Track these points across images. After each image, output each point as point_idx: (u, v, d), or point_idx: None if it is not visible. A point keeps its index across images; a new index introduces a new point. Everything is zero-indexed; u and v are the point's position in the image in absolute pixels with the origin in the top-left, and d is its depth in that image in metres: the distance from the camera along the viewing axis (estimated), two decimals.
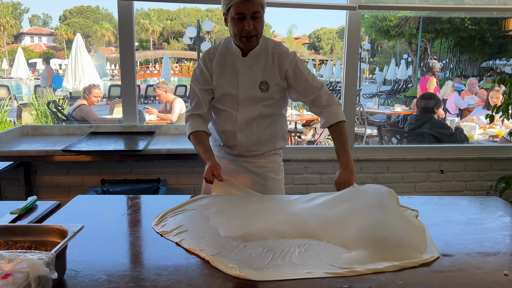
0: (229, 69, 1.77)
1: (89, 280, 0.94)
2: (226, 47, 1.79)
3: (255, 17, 1.63)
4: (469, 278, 0.96)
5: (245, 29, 1.63)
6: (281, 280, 0.94)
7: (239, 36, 1.66)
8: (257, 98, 1.74)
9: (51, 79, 9.90)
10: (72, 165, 2.74)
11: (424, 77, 7.26)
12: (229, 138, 1.80)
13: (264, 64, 1.75)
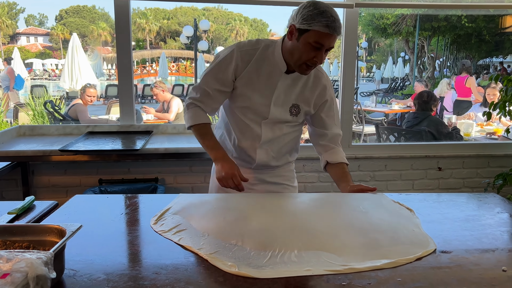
0: (264, 80, 1.58)
1: (88, 279, 0.93)
2: (267, 52, 1.58)
3: (329, 50, 1.48)
4: (468, 274, 0.97)
5: (315, 60, 1.47)
6: (280, 278, 0.94)
7: (302, 63, 1.49)
8: (285, 120, 1.63)
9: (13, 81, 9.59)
10: (69, 165, 2.73)
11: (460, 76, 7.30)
12: (246, 154, 1.67)
13: (302, 86, 1.61)
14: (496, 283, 0.93)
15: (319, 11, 1.41)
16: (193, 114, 1.61)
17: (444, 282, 0.93)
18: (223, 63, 1.57)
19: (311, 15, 1.41)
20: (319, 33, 1.41)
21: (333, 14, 1.42)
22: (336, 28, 1.42)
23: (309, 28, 1.42)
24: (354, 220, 1.27)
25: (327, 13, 1.41)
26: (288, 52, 1.51)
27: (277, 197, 1.55)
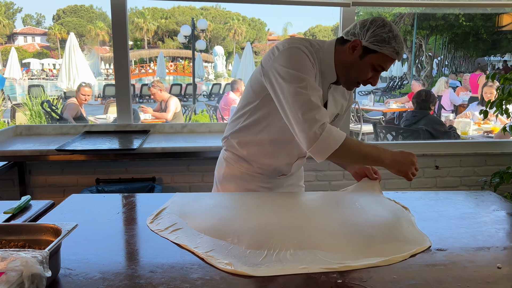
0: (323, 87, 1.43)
1: (84, 278, 0.93)
2: (324, 58, 1.42)
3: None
4: (463, 271, 0.97)
5: (370, 81, 1.40)
6: (276, 276, 0.94)
7: (356, 81, 1.42)
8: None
9: None
10: (66, 165, 2.73)
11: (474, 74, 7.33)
12: (277, 169, 1.56)
13: (342, 95, 1.55)
14: (491, 280, 0.93)
15: (393, 35, 1.32)
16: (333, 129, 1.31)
17: (439, 279, 0.93)
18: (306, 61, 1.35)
19: (385, 38, 1.32)
20: (387, 57, 1.34)
21: (402, 39, 1.36)
22: (401, 56, 1.38)
23: (378, 51, 1.33)
24: (350, 218, 1.28)
25: (399, 38, 1.33)
26: (343, 66, 1.40)
27: (273, 195, 1.55)
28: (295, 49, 1.35)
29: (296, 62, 1.33)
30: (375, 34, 1.32)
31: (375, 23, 1.34)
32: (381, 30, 1.32)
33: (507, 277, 0.95)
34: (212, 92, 15.57)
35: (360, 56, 1.36)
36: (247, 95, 1.50)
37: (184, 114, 7.55)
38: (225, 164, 1.62)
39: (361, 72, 1.38)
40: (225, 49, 32.04)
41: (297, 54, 1.35)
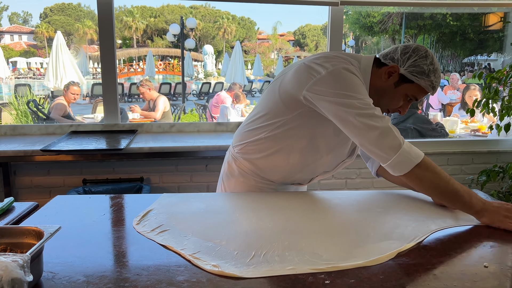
0: None
1: (67, 282, 0.91)
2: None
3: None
4: (450, 270, 0.97)
5: (399, 110, 1.37)
6: (264, 277, 0.93)
7: (386, 109, 1.38)
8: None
9: None
10: (52, 165, 2.69)
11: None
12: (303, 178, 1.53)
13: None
14: (477, 279, 0.94)
15: (434, 68, 1.29)
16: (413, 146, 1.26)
17: (427, 278, 0.93)
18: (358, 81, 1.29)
19: (425, 70, 1.28)
20: (422, 89, 1.30)
21: (440, 72, 1.32)
22: (437, 89, 1.34)
23: (415, 81, 1.29)
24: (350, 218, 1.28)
25: (438, 72, 1.30)
26: (376, 90, 1.35)
27: (270, 196, 1.52)
28: (347, 72, 1.28)
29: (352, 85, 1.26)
30: (416, 65, 1.28)
31: (418, 53, 1.29)
32: (423, 61, 1.28)
33: (494, 275, 0.95)
34: (202, 91, 15.52)
35: (395, 84, 1.32)
36: (275, 107, 1.40)
37: (173, 113, 7.51)
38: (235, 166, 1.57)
39: (393, 99, 1.34)
40: (215, 48, 31.94)
41: (350, 77, 1.28)
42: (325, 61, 1.31)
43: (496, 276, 0.95)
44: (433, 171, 1.23)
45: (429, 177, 1.23)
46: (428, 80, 1.28)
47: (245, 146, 1.51)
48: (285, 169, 1.48)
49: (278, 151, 1.44)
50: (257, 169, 1.51)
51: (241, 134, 1.53)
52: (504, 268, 0.99)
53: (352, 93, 1.25)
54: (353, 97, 1.24)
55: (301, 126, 1.38)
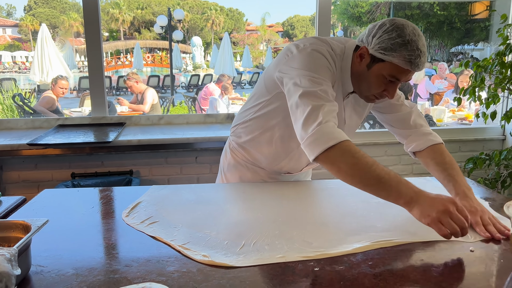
0: (337, 98, 1.29)
1: (56, 275, 0.91)
2: (343, 65, 1.30)
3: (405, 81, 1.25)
4: (437, 255, 0.98)
5: (385, 94, 1.24)
6: (254, 266, 0.94)
7: (370, 94, 1.28)
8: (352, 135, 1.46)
9: None
10: (40, 159, 2.66)
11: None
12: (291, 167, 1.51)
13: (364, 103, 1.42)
14: (464, 263, 0.95)
15: (403, 41, 1.14)
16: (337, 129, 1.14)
17: (414, 263, 0.95)
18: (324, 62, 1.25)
19: (392, 45, 1.15)
20: (397, 67, 1.17)
21: (419, 45, 1.15)
22: (421, 64, 1.16)
23: (385, 60, 1.17)
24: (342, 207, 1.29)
25: (412, 44, 1.14)
26: (354, 76, 1.28)
27: (264, 186, 1.52)
28: (315, 52, 1.24)
29: (314, 65, 1.22)
30: (382, 40, 1.17)
31: (383, 27, 1.18)
32: (389, 35, 1.16)
33: (480, 259, 0.97)
34: (191, 84, 15.41)
35: (368, 66, 1.23)
36: (259, 89, 1.42)
37: (162, 106, 7.47)
38: (229, 153, 1.58)
39: (371, 83, 1.24)
40: (203, 39, 31.71)
41: (317, 58, 1.24)
42: (302, 42, 1.29)
43: (482, 260, 0.97)
44: (352, 155, 1.08)
45: (345, 161, 1.08)
46: (399, 55, 1.15)
47: (236, 128, 1.54)
48: (270, 154, 1.47)
49: (262, 134, 1.44)
50: (247, 154, 1.51)
51: (235, 118, 1.56)
52: (489, 252, 1.01)
53: (310, 72, 1.20)
54: (308, 76, 1.20)
55: (279, 108, 1.36)
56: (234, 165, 1.58)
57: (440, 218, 0.97)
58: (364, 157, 1.08)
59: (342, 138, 1.10)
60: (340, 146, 1.09)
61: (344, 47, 1.31)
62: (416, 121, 1.42)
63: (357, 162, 1.07)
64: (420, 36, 1.16)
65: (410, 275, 0.89)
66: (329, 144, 1.09)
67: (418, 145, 1.38)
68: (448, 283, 0.86)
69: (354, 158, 1.08)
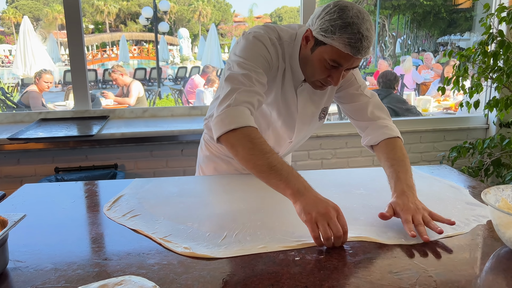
0: (288, 86, 1.31)
1: (34, 270, 0.90)
2: (293, 52, 1.27)
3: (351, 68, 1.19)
4: (421, 244, 0.99)
5: (329, 80, 1.20)
6: (235, 257, 0.94)
7: (315, 80, 1.23)
8: (314, 125, 1.46)
9: None
10: (22, 154, 2.61)
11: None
12: None
13: (331, 87, 1.37)
14: (447, 250, 0.96)
15: (344, 23, 1.09)
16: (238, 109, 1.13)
17: (396, 252, 0.95)
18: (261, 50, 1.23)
19: (332, 26, 1.09)
20: (338, 51, 1.11)
21: (362, 29, 1.09)
22: (363, 49, 1.10)
23: (326, 42, 1.12)
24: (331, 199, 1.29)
25: (353, 27, 1.08)
26: (301, 60, 1.25)
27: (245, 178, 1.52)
28: (255, 39, 1.23)
29: (248, 52, 1.21)
30: (323, 21, 1.11)
31: (326, 9, 1.13)
32: (330, 17, 1.10)
33: (462, 247, 0.98)
34: (178, 76, 15.27)
35: (311, 49, 1.18)
36: (222, 80, 1.42)
37: (148, 99, 7.40)
38: (204, 145, 1.59)
39: (314, 68, 1.19)
40: (190, 31, 31.39)
41: (254, 44, 1.22)
42: (251, 29, 1.28)
43: (464, 247, 0.98)
44: (250, 140, 1.07)
45: (242, 145, 1.08)
46: (339, 37, 1.09)
47: (208, 121, 1.53)
48: None
49: None
50: (220, 146, 1.50)
51: (208, 110, 1.55)
52: (475, 239, 1.02)
53: (243, 58, 1.20)
54: (240, 61, 1.20)
55: None
56: (209, 157, 1.59)
57: (317, 219, 0.94)
58: (262, 144, 1.07)
59: (246, 123, 1.10)
60: (242, 131, 1.09)
61: (296, 33, 1.28)
62: (374, 113, 1.36)
63: (253, 147, 1.06)
64: (364, 19, 1.09)
65: (391, 263, 0.90)
66: (231, 127, 1.09)
67: (373, 139, 1.33)
68: (432, 268, 0.87)
69: (251, 144, 1.07)
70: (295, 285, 0.82)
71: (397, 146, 1.29)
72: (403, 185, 1.12)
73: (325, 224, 0.93)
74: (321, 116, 1.44)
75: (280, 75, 1.29)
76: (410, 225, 1.00)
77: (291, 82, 1.31)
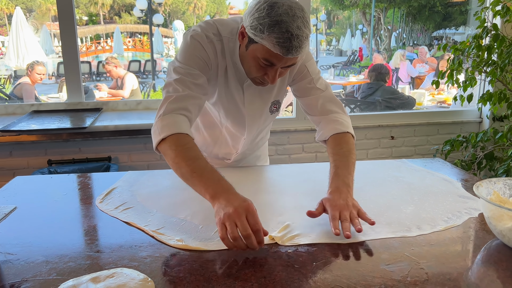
0: (233, 83, 1.27)
1: (25, 262, 0.89)
2: (235, 48, 1.21)
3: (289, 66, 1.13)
4: (407, 235, 1.00)
5: (266, 78, 1.15)
6: (226, 249, 0.93)
7: (253, 77, 1.19)
8: (267, 119, 1.43)
9: None
10: (15, 146, 2.59)
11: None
12: (222, 152, 1.51)
13: (282, 80, 1.32)
14: (434, 243, 0.97)
15: (272, 22, 1.02)
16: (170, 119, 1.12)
17: (385, 244, 0.96)
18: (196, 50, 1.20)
19: (261, 25, 1.03)
20: (269, 50, 1.05)
21: (292, 27, 1.01)
22: (293, 49, 1.03)
23: (258, 41, 1.06)
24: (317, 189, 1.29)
25: (282, 26, 1.01)
26: (240, 57, 1.20)
27: (238, 170, 1.52)
28: (192, 38, 1.19)
29: (184, 54, 1.19)
30: (254, 18, 1.05)
31: (257, 5, 1.05)
32: (259, 14, 1.03)
33: (453, 240, 0.98)
34: None
35: (246, 46, 1.12)
36: None
37: (142, 91, 7.36)
38: None
39: (249, 65, 1.14)
40: (185, 23, 31.16)
41: (191, 45, 1.19)
42: (191, 27, 1.24)
43: (452, 239, 0.99)
44: (175, 148, 1.06)
45: (170, 154, 1.07)
46: (268, 37, 1.02)
47: None
48: (202, 141, 1.50)
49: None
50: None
51: None
52: (467, 231, 1.02)
53: (179, 62, 1.19)
54: (176, 65, 1.19)
55: None
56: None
57: (225, 220, 0.89)
58: (186, 150, 1.06)
59: (174, 131, 1.09)
60: (170, 139, 1.08)
61: (238, 28, 1.21)
62: (325, 106, 1.31)
63: (177, 155, 1.05)
64: (295, 16, 1.02)
65: (384, 256, 0.90)
66: (161, 137, 1.09)
67: (323, 134, 1.29)
68: (424, 261, 0.87)
69: (177, 152, 1.06)
70: (287, 277, 0.82)
71: (343, 141, 1.24)
72: (339, 182, 1.09)
73: (233, 224, 0.88)
74: (273, 109, 1.39)
75: (222, 73, 1.25)
76: (335, 223, 0.97)
77: (235, 78, 1.27)
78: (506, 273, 0.84)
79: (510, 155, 2.43)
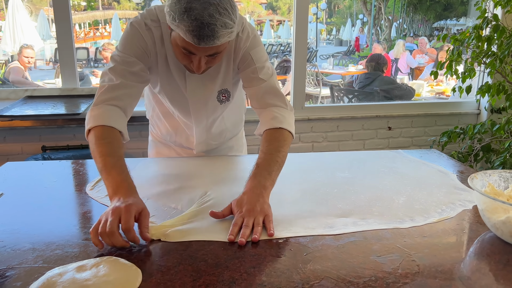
0: (175, 71, 1.25)
1: (12, 249, 0.88)
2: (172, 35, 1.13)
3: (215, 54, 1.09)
4: (400, 226, 0.99)
5: (192, 66, 1.12)
6: (217, 241, 0.92)
7: (184, 65, 1.16)
8: (216, 108, 1.38)
9: None
10: (8, 132, 2.56)
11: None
12: (184, 141, 1.51)
13: (225, 68, 1.27)
14: (427, 234, 0.96)
15: (182, 9, 0.97)
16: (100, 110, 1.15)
17: (378, 235, 0.95)
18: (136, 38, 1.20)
19: (173, 12, 0.99)
20: (183, 39, 1.02)
21: (203, 15, 0.96)
22: (205, 38, 0.98)
23: (173, 28, 1.03)
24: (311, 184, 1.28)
25: (191, 14, 0.97)
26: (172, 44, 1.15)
27: (229, 160, 1.51)
28: (131, 26, 1.18)
29: (123, 42, 1.19)
30: (167, 6, 1.02)
31: None
32: (172, 1, 1.00)
33: (447, 232, 0.97)
34: None
35: (170, 34, 1.10)
36: None
37: None
38: (149, 131, 1.65)
39: (176, 53, 1.12)
40: None
41: (130, 33, 1.18)
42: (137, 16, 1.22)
43: (445, 231, 0.97)
44: (94, 142, 1.08)
45: (91, 147, 1.09)
46: (179, 25, 0.98)
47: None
48: (165, 130, 1.52)
49: (153, 111, 1.50)
50: (156, 130, 1.57)
51: None
52: (460, 224, 1.01)
53: (119, 48, 1.20)
54: (114, 54, 1.21)
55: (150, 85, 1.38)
56: (152, 141, 1.64)
57: (107, 212, 0.89)
58: (104, 145, 1.06)
59: (98, 123, 1.10)
60: (94, 131, 1.10)
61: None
62: (265, 99, 1.25)
63: (96, 149, 1.06)
64: (208, 3, 0.97)
65: (375, 248, 0.89)
66: (87, 128, 1.13)
67: (258, 128, 1.25)
68: (416, 253, 0.86)
69: (96, 145, 1.07)
70: (277, 268, 0.81)
71: (273, 138, 1.18)
72: (254, 183, 1.04)
73: (104, 221, 0.87)
74: (222, 98, 1.34)
75: (162, 61, 1.22)
76: (235, 228, 0.93)
77: (177, 66, 1.24)
78: (499, 266, 0.83)
79: (507, 147, 2.42)
